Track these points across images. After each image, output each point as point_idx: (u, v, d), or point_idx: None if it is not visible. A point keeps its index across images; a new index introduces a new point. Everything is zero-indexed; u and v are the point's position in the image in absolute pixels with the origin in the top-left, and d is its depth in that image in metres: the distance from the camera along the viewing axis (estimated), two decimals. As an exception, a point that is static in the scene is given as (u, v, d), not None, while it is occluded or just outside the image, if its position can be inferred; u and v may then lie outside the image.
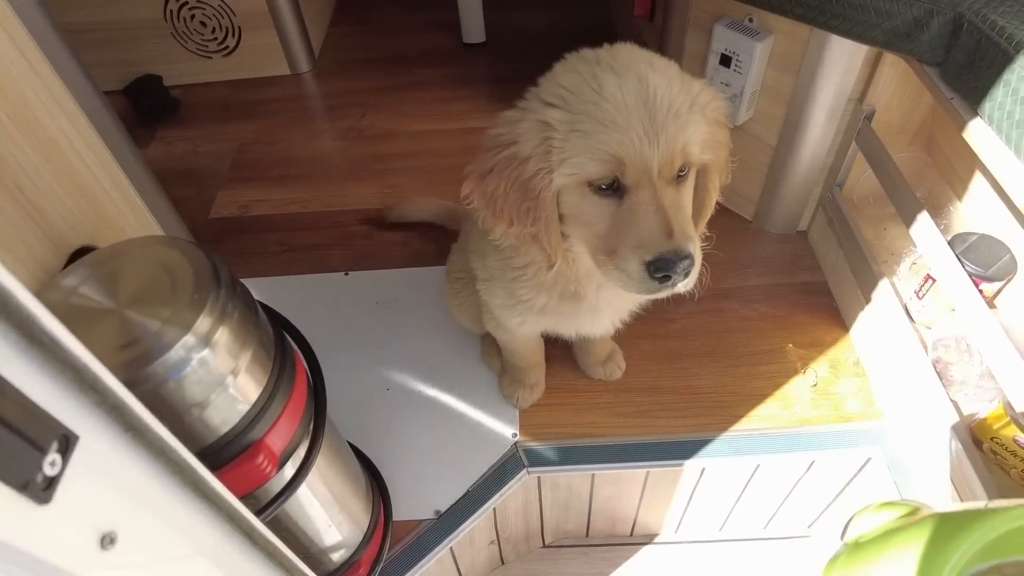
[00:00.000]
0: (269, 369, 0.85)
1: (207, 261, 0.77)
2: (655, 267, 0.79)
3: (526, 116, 0.82)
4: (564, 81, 0.81)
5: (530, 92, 0.86)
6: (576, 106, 0.78)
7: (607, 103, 0.77)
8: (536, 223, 0.85)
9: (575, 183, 0.82)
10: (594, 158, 0.79)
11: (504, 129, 0.84)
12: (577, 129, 0.78)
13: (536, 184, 0.82)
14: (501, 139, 0.84)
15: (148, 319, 0.72)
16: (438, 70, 2.41)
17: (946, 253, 1.22)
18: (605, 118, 0.77)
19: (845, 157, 1.51)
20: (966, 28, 1.10)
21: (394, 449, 1.38)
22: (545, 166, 0.81)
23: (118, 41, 2.30)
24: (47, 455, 0.43)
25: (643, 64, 0.80)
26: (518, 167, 0.82)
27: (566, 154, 0.80)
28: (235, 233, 1.88)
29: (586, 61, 0.83)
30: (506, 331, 1.23)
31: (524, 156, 0.81)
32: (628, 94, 0.77)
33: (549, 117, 0.80)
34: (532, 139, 0.81)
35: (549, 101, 0.81)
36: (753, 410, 1.42)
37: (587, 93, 0.78)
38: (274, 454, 0.85)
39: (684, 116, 0.79)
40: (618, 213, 0.82)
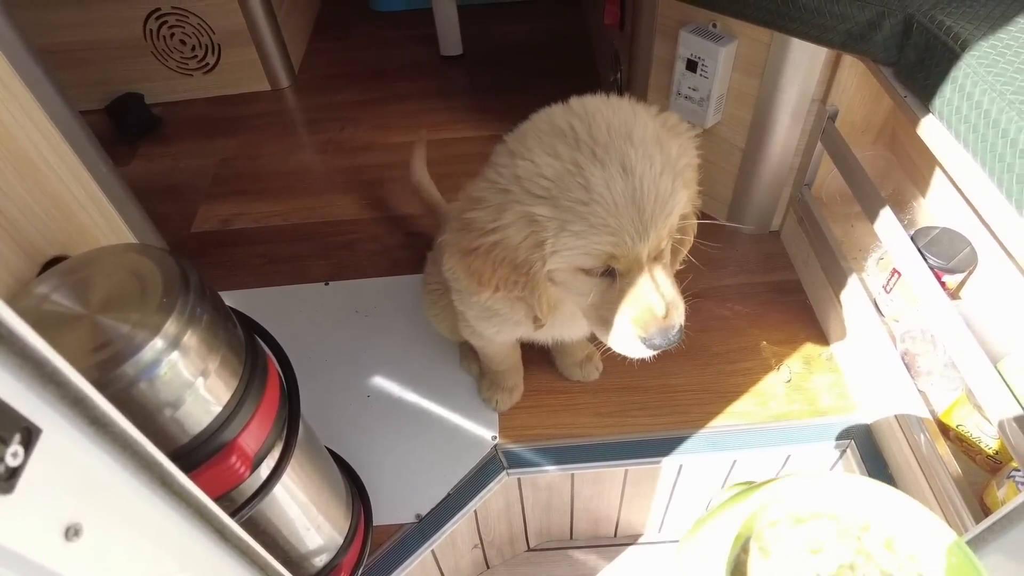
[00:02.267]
0: (240, 372, 0.87)
1: (176, 267, 0.78)
2: (651, 344, 0.85)
3: (510, 205, 0.81)
4: (547, 172, 0.79)
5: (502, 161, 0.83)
6: (564, 203, 0.78)
7: (597, 204, 0.77)
8: (526, 292, 0.87)
9: (567, 267, 0.84)
10: (587, 254, 0.80)
11: (486, 214, 0.83)
12: (568, 229, 0.78)
13: (526, 266, 0.83)
14: (484, 223, 0.83)
15: (118, 323, 0.74)
16: (416, 83, 2.44)
17: (909, 247, 1.25)
18: (597, 221, 0.77)
19: (812, 157, 1.54)
20: (916, 28, 1.14)
21: (374, 455, 1.39)
22: (537, 255, 0.82)
23: (99, 61, 2.32)
24: (9, 446, 0.45)
25: (623, 141, 0.78)
26: (506, 251, 0.83)
27: (557, 248, 0.80)
28: (217, 246, 1.90)
29: (564, 139, 0.80)
30: (482, 339, 1.24)
31: (512, 245, 0.82)
32: (616, 191, 0.76)
33: (537, 212, 0.79)
34: (520, 231, 0.81)
35: (535, 192, 0.79)
36: (729, 407, 1.44)
37: (575, 190, 0.77)
38: (247, 455, 0.86)
39: (670, 202, 0.79)
40: (610, 291, 0.85)
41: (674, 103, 1.62)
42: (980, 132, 0.99)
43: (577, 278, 0.86)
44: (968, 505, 1.10)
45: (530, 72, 2.45)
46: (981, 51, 1.03)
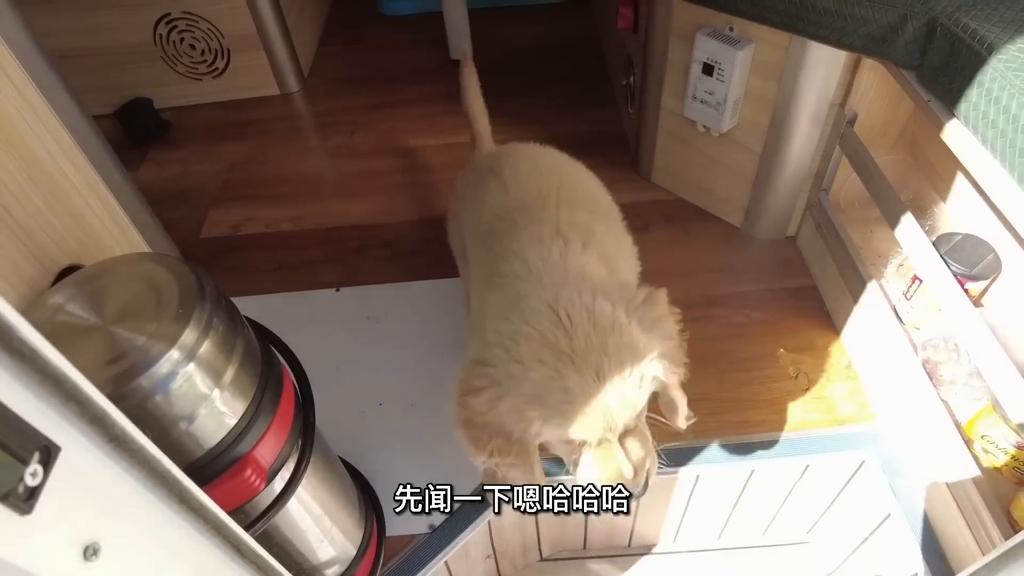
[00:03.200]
0: (255, 383, 0.85)
1: (192, 276, 0.77)
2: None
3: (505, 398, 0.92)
4: (535, 376, 0.90)
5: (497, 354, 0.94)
6: (549, 403, 0.90)
7: (575, 410, 0.89)
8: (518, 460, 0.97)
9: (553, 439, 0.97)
10: (566, 442, 0.94)
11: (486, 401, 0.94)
12: (551, 423, 0.91)
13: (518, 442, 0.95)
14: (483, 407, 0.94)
15: (134, 334, 0.73)
16: (426, 87, 2.43)
17: (931, 254, 1.23)
18: (575, 419, 0.90)
19: (830, 162, 1.52)
20: (940, 32, 1.12)
21: (387, 464, 1.38)
22: (527, 436, 0.94)
23: (109, 66, 2.32)
24: (28, 466, 0.43)
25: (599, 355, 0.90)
26: (501, 428, 0.94)
27: (543, 434, 0.93)
28: (226, 252, 1.89)
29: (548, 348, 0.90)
30: None
31: (505, 429, 0.94)
32: (590, 395, 0.89)
33: (527, 409, 0.91)
34: (513, 419, 0.93)
35: (525, 391, 0.91)
36: (746, 415, 1.42)
37: (556, 393, 0.89)
38: (262, 468, 0.85)
39: (637, 401, 0.92)
40: (587, 455, 0.96)
41: (689, 107, 1.61)
42: (1008, 137, 0.97)
43: (560, 446, 0.99)
44: (995, 519, 1.08)
45: (541, 76, 2.43)
46: (1008, 54, 1.01)
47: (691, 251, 1.74)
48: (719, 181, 1.74)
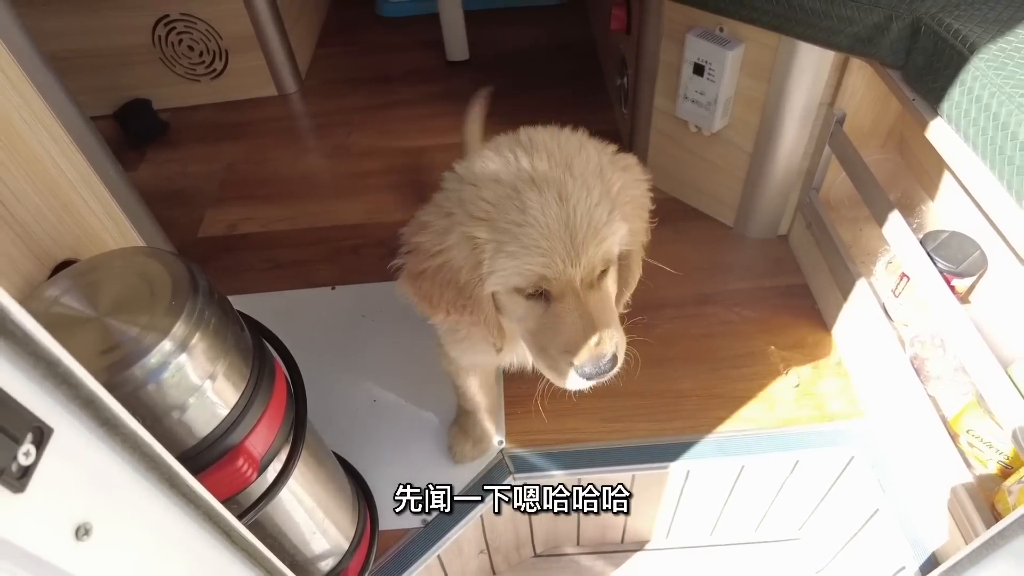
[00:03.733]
0: (247, 375, 0.87)
1: (185, 270, 0.79)
2: (582, 372, 0.86)
3: (454, 228, 0.85)
4: (488, 195, 0.83)
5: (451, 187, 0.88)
6: (501, 224, 0.82)
7: (530, 227, 0.81)
8: (474, 315, 0.89)
9: (504, 290, 0.87)
10: (520, 275, 0.83)
11: (432, 239, 0.87)
12: (503, 250, 0.82)
13: (469, 287, 0.87)
14: (429, 246, 0.87)
15: (127, 326, 0.74)
16: (422, 88, 2.45)
17: (918, 252, 1.25)
18: (529, 243, 0.81)
19: (820, 161, 1.54)
20: (924, 32, 1.14)
21: (380, 459, 1.39)
22: (476, 276, 0.85)
23: (108, 67, 2.34)
24: (21, 445, 0.45)
25: (562, 171, 0.83)
26: (450, 273, 0.86)
27: (494, 268, 0.84)
28: (223, 251, 1.90)
29: (507, 166, 0.85)
30: (449, 361, 1.22)
31: (456, 266, 0.85)
32: (550, 216, 0.80)
33: (477, 233, 0.83)
34: (462, 252, 0.85)
35: (475, 215, 0.83)
36: (736, 412, 1.43)
37: (511, 212, 0.81)
38: (254, 458, 0.86)
39: (603, 230, 0.83)
40: (546, 316, 0.87)
41: (681, 107, 1.63)
42: (989, 135, 0.99)
43: (515, 302, 0.89)
44: (979, 511, 1.09)
45: (536, 77, 2.45)
46: (990, 54, 1.03)
47: (683, 250, 1.75)
48: (711, 180, 1.75)
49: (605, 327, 0.86)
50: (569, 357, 0.86)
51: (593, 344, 0.84)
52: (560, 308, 0.85)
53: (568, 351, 0.86)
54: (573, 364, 0.86)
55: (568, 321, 0.84)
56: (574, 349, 0.85)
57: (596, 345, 0.85)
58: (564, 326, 0.85)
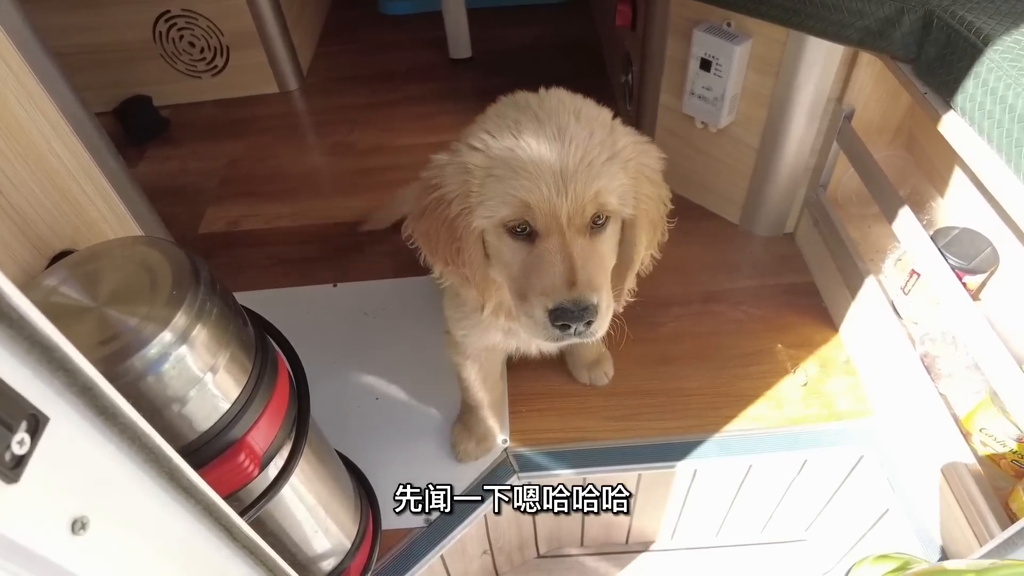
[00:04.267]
0: (249, 368, 0.85)
1: (186, 260, 0.77)
2: (555, 315, 0.82)
3: (452, 159, 0.85)
4: (489, 125, 0.84)
5: (463, 132, 0.89)
6: (495, 151, 0.81)
7: (521, 150, 0.80)
8: (464, 263, 0.88)
9: (492, 225, 0.86)
10: (505, 202, 0.82)
11: (434, 172, 0.87)
12: (493, 174, 0.81)
13: (460, 224, 0.85)
14: (431, 181, 0.87)
15: (126, 316, 0.73)
16: (425, 86, 2.43)
17: (929, 248, 1.23)
18: (518, 165, 0.80)
19: (827, 157, 1.52)
20: (936, 24, 1.12)
21: (383, 457, 1.37)
22: (466, 207, 0.84)
23: (109, 63, 2.32)
24: (15, 433, 0.43)
25: (567, 113, 0.83)
26: (444, 208, 0.85)
27: (483, 197, 0.83)
28: (224, 248, 1.89)
29: (516, 106, 0.86)
30: (456, 349, 1.21)
31: (449, 198, 0.85)
32: (544, 145, 0.80)
33: (470, 161, 0.83)
34: (454, 181, 0.84)
35: (474, 145, 0.84)
36: (744, 411, 1.41)
37: (506, 138, 0.81)
38: (256, 453, 0.84)
39: (598, 167, 0.81)
40: (529, 258, 0.85)
41: (687, 102, 1.61)
42: (1005, 127, 0.97)
43: (503, 242, 0.87)
44: (993, 511, 1.08)
45: (540, 75, 2.39)
46: (1004, 46, 1.01)
47: (689, 248, 1.74)
48: (717, 177, 1.74)
49: (587, 275, 0.82)
50: (544, 300, 0.82)
51: (569, 286, 0.81)
52: (543, 248, 0.83)
53: (544, 293, 0.82)
54: (548, 308, 0.82)
55: (548, 261, 0.82)
56: (550, 291, 0.82)
57: (572, 288, 0.81)
58: (543, 266, 0.82)
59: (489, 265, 0.93)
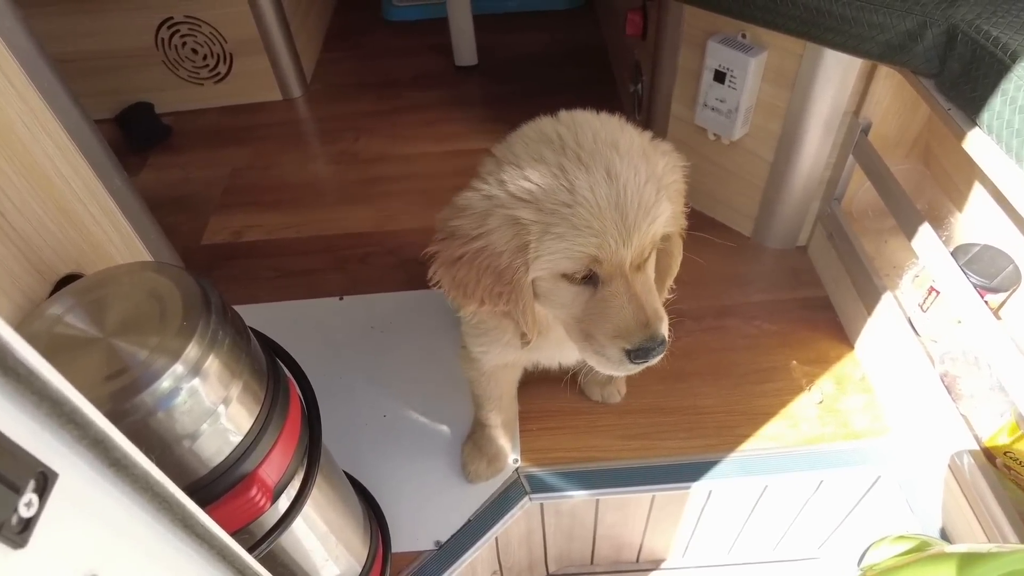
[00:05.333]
0: (262, 398, 0.82)
1: (197, 287, 0.74)
2: (635, 355, 0.84)
3: (494, 210, 0.82)
4: (532, 176, 0.80)
5: (489, 170, 0.85)
6: (548, 206, 0.79)
7: (580, 207, 0.78)
8: (511, 304, 0.86)
9: (549, 275, 0.85)
10: (570, 258, 0.81)
11: (471, 221, 0.83)
12: (552, 232, 0.79)
13: (510, 272, 0.83)
14: (468, 229, 0.84)
15: (135, 348, 0.70)
16: (430, 93, 2.40)
17: (950, 265, 1.20)
18: (580, 223, 0.79)
19: (843, 171, 1.50)
20: (960, 39, 1.10)
21: (392, 478, 1.34)
22: (520, 260, 0.82)
23: (110, 70, 2.29)
24: (23, 495, 0.40)
25: (608, 149, 0.81)
26: (490, 258, 0.83)
27: (541, 252, 0.81)
28: (228, 259, 1.86)
29: (551, 145, 0.82)
30: (472, 365, 1.18)
31: (497, 251, 0.82)
32: (600, 195, 0.78)
33: (521, 215, 0.80)
34: (504, 235, 0.81)
35: (519, 196, 0.80)
36: (759, 429, 1.39)
37: (559, 193, 0.78)
38: (268, 486, 0.81)
39: (653, 210, 0.81)
40: (593, 301, 0.85)
41: (700, 114, 1.58)
42: (1035, 147, 0.95)
43: (559, 287, 0.86)
44: (1019, 536, 1.05)
45: (547, 83, 2.41)
46: (1033, 63, 0.99)
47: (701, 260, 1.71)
48: (729, 190, 1.71)
49: (653, 308, 0.84)
50: (621, 342, 0.84)
51: (643, 326, 0.82)
52: (608, 292, 0.83)
53: (619, 335, 0.83)
54: (626, 349, 0.83)
55: (617, 304, 0.82)
56: (625, 334, 0.83)
57: (646, 327, 0.83)
58: (613, 310, 0.83)
59: (537, 300, 0.91)
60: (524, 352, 1.10)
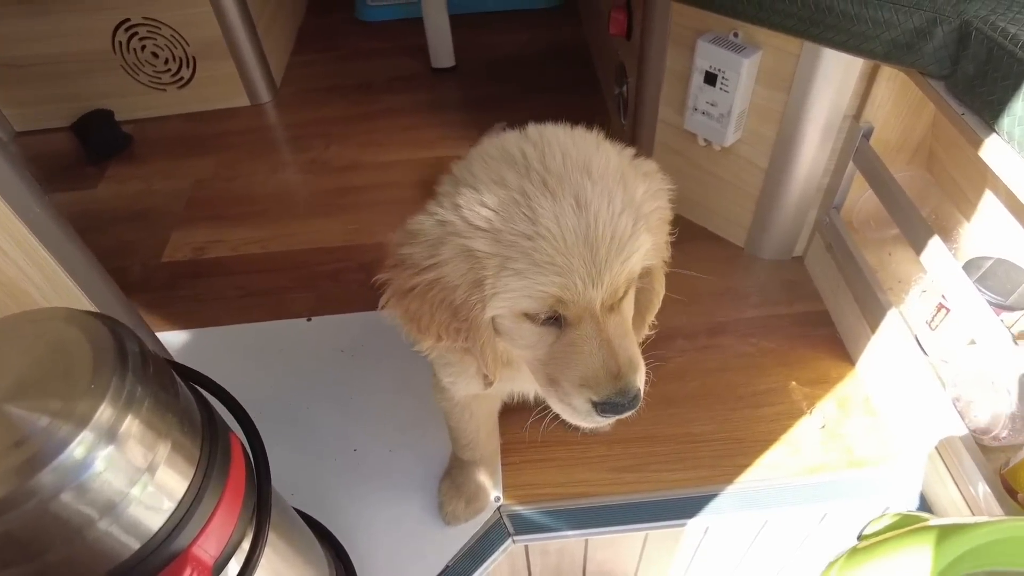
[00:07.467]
0: (197, 457, 0.71)
1: (109, 337, 0.63)
2: (603, 408, 0.74)
3: (448, 239, 0.72)
4: (490, 201, 0.70)
5: (445, 191, 0.75)
6: (507, 237, 0.69)
7: (543, 240, 0.68)
8: (468, 341, 0.76)
9: (509, 313, 0.75)
10: (530, 296, 0.71)
11: (422, 250, 0.74)
12: (510, 267, 0.69)
13: (465, 309, 0.73)
14: (420, 259, 0.74)
15: (35, 414, 0.59)
16: (406, 97, 2.29)
17: (962, 281, 1.11)
18: (542, 259, 0.69)
19: (842, 178, 1.41)
20: (974, 37, 1.01)
21: (361, 520, 1.23)
22: (477, 297, 0.72)
23: (65, 75, 2.16)
24: None
25: (579, 173, 0.71)
26: (444, 291, 0.73)
27: (499, 289, 0.71)
28: (190, 278, 1.74)
29: (513, 166, 0.72)
30: (443, 395, 1.07)
31: (451, 284, 0.72)
32: (566, 227, 0.68)
33: (477, 246, 0.70)
34: (459, 267, 0.72)
35: (475, 223, 0.70)
36: (758, 458, 1.29)
37: (519, 222, 0.69)
38: (206, 565, 0.70)
39: (628, 245, 0.71)
40: (559, 344, 0.75)
41: (690, 119, 1.49)
42: (1063, 156, 0.86)
43: (522, 327, 0.77)
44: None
45: (527, 85, 2.31)
46: (1058, 63, 0.90)
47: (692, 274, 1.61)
48: (721, 198, 1.62)
49: (627, 356, 0.74)
50: (587, 392, 0.74)
51: (614, 376, 0.73)
52: (576, 335, 0.74)
53: (586, 385, 0.74)
54: (592, 400, 0.74)
55: (586, 351, 0.73)
56: (593, 383, 0.74)
57: (617, 378, 0.73)
58: (581, 356, 0.74)
59: (499, 337, 0.80)
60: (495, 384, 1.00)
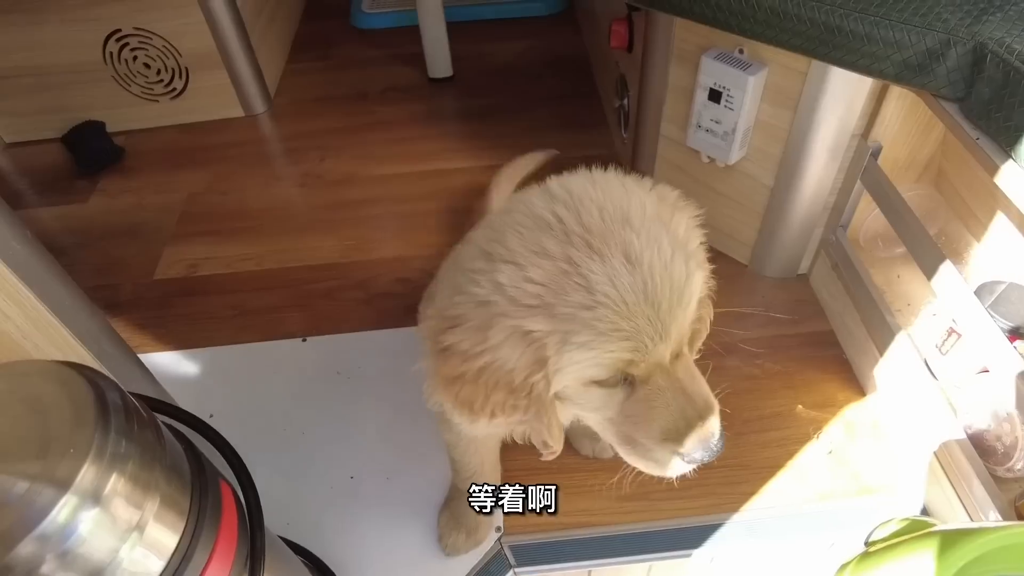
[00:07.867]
0: (187, 509, 0.68)
1: (89, 391, 0.59)
2: (691, 459, 0.73)
3: (496, 320, 0.67)
4: (536, 275, 0.66)
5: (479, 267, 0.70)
6: (563, 311, 0.65)
7: (602, 307, 0.64)
8: (529, 415, 0.72)
9: (575, 383, 0.72)
10: (599, 364, 0.67)
11: (469, 336, 0.69)
12: (572, 341, 0.65)
13: (526, 388, 0.70)
14: (467, 347, 0.70)
15: (12, 479, 0.55)
16: (403, 107, 2.26)
17: (974, 307, 1.08)
18: (605, 327, 0.65)
19: (849, 197, 1.38)
20: (990, 60, 0.98)
21: (358, 550, 1.20)
22: (539, 376, 0.69)
23: (55, 86, 2.12)
24: None
25: (621, 226, 0.67)
26: (499, 373, 0.69)
27: (562, 365, 0.68)
28: (182, 296, 1.70)
29: (550, 232, 0.68)
30: (450, 428, 1.03)
31: (506, 368, 0.69)
32: (624, 289, 0.65)
33: (531, 326, 0.66)
34: (514, 351, 0.68)
35: (524, 302, 0.66)
36: (765, 485, 1.26)
37: (573, 293, 0.64)
38: (197, 623, 0.67)
39: (687, 291, 0.68)
40: (631, 402, 0.72)
41: (693, 136, 1.46)
42: (1085, 187, 0.83)
43: (590, 393, 0.73)
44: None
45: (526, 96, 2.28)
46: (1078, 89, 0.87)
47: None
48: (724, 215, 1.59)
49: (703, 400, 0.73)
50: (672, 446, 0.72)
51: (694, 424, 0.71)
52: (648, 391, 0.71)
53: (668, 439, 0.72)
54: (678, 452, 0.72)
55: (661, 404, 0.71)
56: (675, 436, 0.71)
57: (698, 425, 0.71)
58: (657, 411, 0.71)
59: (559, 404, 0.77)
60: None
